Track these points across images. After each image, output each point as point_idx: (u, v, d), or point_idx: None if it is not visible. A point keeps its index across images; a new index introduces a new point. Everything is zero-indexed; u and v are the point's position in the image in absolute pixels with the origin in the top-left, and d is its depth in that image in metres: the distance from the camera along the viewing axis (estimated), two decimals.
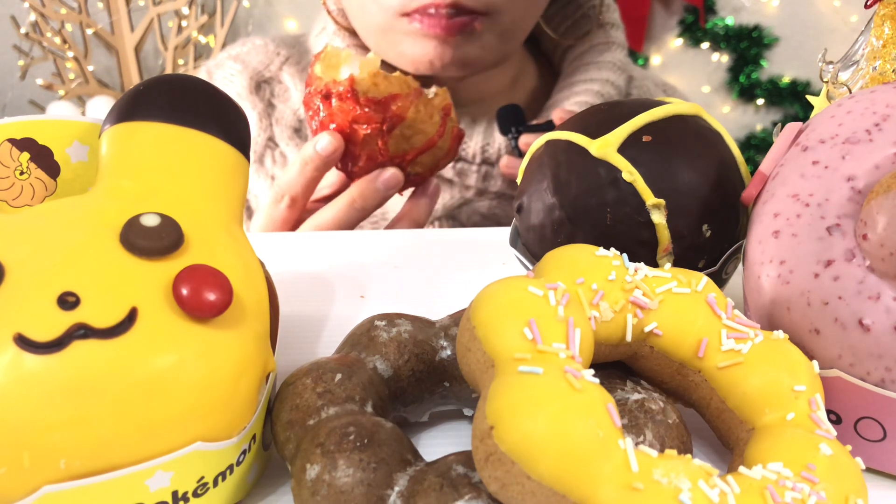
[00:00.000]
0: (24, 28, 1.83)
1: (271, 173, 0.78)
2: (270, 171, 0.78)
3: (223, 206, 0.31)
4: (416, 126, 0.59)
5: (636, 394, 0.29)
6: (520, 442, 0.22)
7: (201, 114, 0.31)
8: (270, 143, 0.78)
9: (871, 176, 0.30)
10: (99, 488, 0.24)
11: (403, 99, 0.58)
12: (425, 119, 0.59)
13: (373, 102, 0.57)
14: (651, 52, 2.01)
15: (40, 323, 0.24)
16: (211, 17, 1.88)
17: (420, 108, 0.59)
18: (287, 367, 0.32)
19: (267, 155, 0.78)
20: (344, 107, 0.58)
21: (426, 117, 0.59)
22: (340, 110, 0.58)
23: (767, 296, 0.31)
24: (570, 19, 0.82)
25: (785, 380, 0.28)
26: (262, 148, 0.78)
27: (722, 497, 0.23)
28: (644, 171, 0.34)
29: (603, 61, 0.79)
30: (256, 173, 0.78)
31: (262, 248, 0.37)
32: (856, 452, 0.30)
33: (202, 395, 0.26)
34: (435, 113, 0.59)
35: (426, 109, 0.59)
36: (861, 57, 0.38)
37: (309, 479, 0.26)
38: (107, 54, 1.91)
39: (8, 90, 1.90)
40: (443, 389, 0.32)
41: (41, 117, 0.32)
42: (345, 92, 0.57)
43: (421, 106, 0.59)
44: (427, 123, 0.59)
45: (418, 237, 0.55)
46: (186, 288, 0.26)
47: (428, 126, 0.59)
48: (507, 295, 0.26)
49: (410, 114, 0.58)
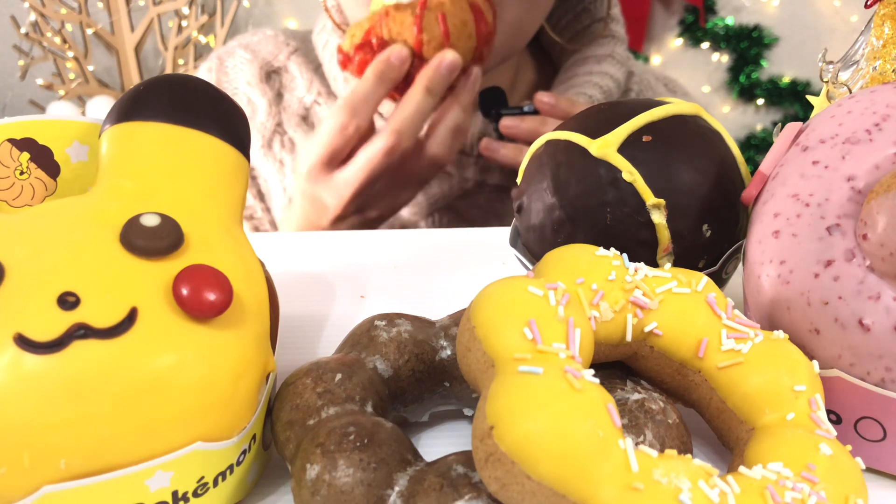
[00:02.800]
0: (24, 28, 1.83)
1: (279, 157, 0.79)
2: (279, 156, 0.79)
3: (223, 206, 0.31)
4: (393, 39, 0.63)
5: (636, 394, 0.29)
6: (520, 442, 0.22)
7: (201, 114, 0.31)
8: (279, 128, 0.79)
9: (871, 176, 0.30)
10: (99, 488, 0.24)
11: (374, 29, 0.63)
12: (400, 30, 0.62)
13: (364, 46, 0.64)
14: (651, 51, 2.01)
15: (40, 323, 0.24)
16: (211, 17, 1.88)
17: (390, 25, 0.62)
18: (287, 367, 0.32)
19: (275, 140, 0.79)
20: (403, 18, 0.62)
21: (400, 27, 0.62)
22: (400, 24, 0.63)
23: (767, 296, 0.31)
24: (572, 13, 0.82)
25: (785, 380, 0.28)
26: (271, 133, 0.79)
27: (722, 497, 0.23)
28: (644, 171, 0.34)
29: (603, 55, 0.79)
30: (265, 157, 0.79)
31: (262, 248, 0.37)
32: (856, 452, 0.30)
33: (202, 395, 0.26)
34: (406, 18, 0.62)
35: (396, 21, 0.62)
36: (861, 57, 0.38)
37: (309, 479, 0.26)
38: (107, 54, 1.91)
39: (8, 90, 1.90)
40: (443, 389, 0.32)
41: (41, 117, 0.32)
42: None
43: (390, 22, 0.62)
44: (403, 28, 0.62)
45: (418, 237, 0.55)
46: (186, 288, 0.26)
47: (405, 31, 0.62)
48: (507, 295, 0.26)
49: (385, 35, 0.63)
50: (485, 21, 0.64)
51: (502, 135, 0.70)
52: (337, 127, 0.62)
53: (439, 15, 0.62)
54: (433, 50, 0.63)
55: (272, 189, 0.79)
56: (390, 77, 0.62)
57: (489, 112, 0.72)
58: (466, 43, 0.64)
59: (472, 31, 0.64)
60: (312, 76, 0.80)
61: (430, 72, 0.62)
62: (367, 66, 0.63)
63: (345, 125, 0.62)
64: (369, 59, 0.63)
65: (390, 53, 0.62)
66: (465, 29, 0.63)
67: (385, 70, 0.62)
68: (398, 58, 0.62)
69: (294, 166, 0.77)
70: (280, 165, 0.79)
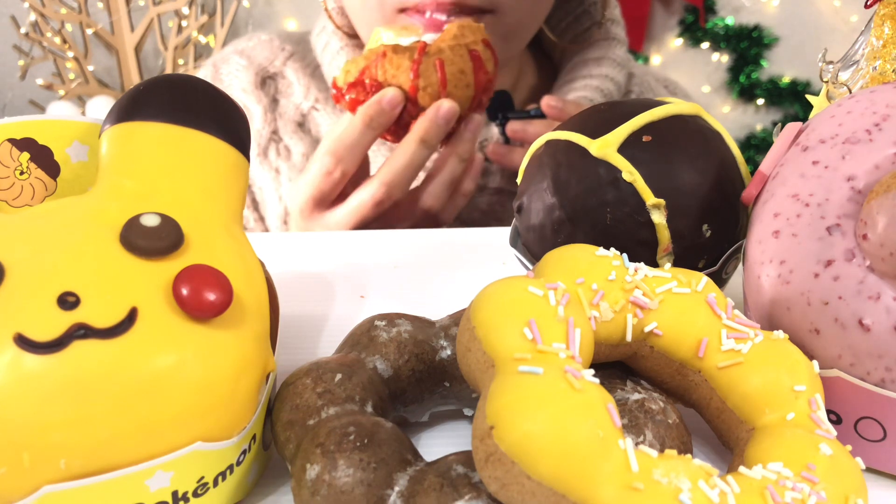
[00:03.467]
0: (24, 28, 1.83)
1: (275, 166, 0.78)
2: (274, 164, 0.78)
3: (223, 206, 0.31)
4: (388, 82, 0.61)
5: (636, 394, 0.29)
6: (520, 442, 0.22)
7: (201, 114, 0.31)
8: (275, 136, 0.79)
9: (871, 176, 0.30)
10: (99, 488, 0.24)
11: (370, 69, 0.61)
12: (396, 73, 0.61)
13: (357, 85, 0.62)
14: (651, 52, 2.01)
15: (40, 323, 0.24)
16: (211, 17, 1.88)
17: (386, 67, 0.61)
18: (287, 367, 0.32)
19: (271, 148, 0.78)
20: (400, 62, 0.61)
21: (396, 70, 0.61)
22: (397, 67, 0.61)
23: (767, 296, 0.31)
24: (572, 15, 0.82)
25: (785, 380, 0.28)
26: (267, 141, 0.79)
27: (722, 497, 0.23)
28: (644, 171, 0.34)
29: (603, 57, 0.79)
30: (261, 166, 0.78)
31: (262, 248, 0.37)
32: (856, 452, 0.30)
33: (202, 395, 0.26)
34: (403, 61, 0.60)
35: (392, 64, 0.61)
36: (861, 57, 0.38)
37: (309, 479, 0.26)
38: (107, 54, 1.91)
39: (8, 90, 1.90)
40: (443, 389, 0.32)
41: (41, 117, 0.32)
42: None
43: (386, 64, 0.61)
44: (399, 72, 0.61)
45: (418, 237, 0.55)
46: (186, 288, 0.26)
47: (400, 75, 0.61)
48: (507, 295, 0.26)
49: (380, 76, 0.61)
50: (484, 70, 0.63)
51: (509, 139, 0.70)
52: (323, 172, 0.61)
53: (437, 62, 0.60)
54: (429, 97, 0.61)
55: (267, 198, 0.78)
56: (380, 122, 0.60)
57: (496, 116, 0.72)
58: (464, 92, 0.62)
59: (471, 80, 0.62)
60: (310, 81, 0.80)
61: (426, 122, 0.60)
62: (359, 105, 0.61)
63: (330, 171, 0.60)
64: (362, 99, 0.62)
65: (382, 97, 0.60)
66: (463, 77, 0.61)
67: (374, 116, 0.60)
68: (390, 103, 0.60)
69: (289, 181, 0.77)
70: (276, 174, 0.78)
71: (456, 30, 0.62)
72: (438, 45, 0.61)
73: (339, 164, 0.60)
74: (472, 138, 0.64)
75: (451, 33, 0.62)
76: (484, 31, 0.64)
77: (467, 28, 0.63)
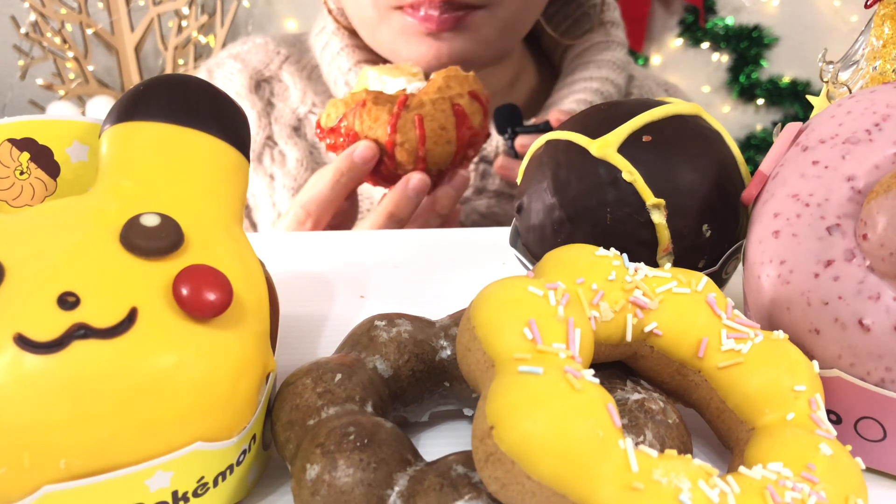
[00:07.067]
0: (24, 28, 1.83)
1: (270, 172, 0.78)
2: (269, 170, 0.78)
3: (223, 206, 0.31)
4: (365, 134, 0.60)
5: (636, 394, 0.29)
6: (520, 442, 0.22)
7: (201, 114, 0.31)
8: (269, 141, 0.78)
9: (871, 176, 0.30)
10: (99, 488, 0.24)
11: (348, 117, 0.59)
12: (373, 126, 0.59)
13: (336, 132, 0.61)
14: (651, 52, 2.01)
15: (40, 323, 0.24)
16: (211, 17, 1.88)
17: (364, 118, 0.59)
18: (287, 367, 0.32)
19: (265, 153, 0.78)
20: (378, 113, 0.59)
21: (373, 122, 0.59)
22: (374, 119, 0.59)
23: (767, 296, 0.31)
24: (571, 18, 0.82)
25: (785, 380, 0.28)
26: (261, 147, 0.78)
27: (722, 497, 0.23)
28: (644, 171, 0.34)
29: (603, 60, 0.79)
30: (255, 172, 0.78)
31: (262, 248, 0.37)
32: (856, 452, 0.30)
33: (202, 395, 0.26)
34: (381, 114, 0.59)
35: (370, 115, 0.59)
36: (861, 57, 0.38)
37: (309, 479, 0.26)
38: (107, 54, 1.91)
39: (8, 90, 1.90)
40: (443, 389, 0.32)
41: (41, 117, 0.32)
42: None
43: (365, 115, 0.59)
44: (377, 125, 0.59)
45: (418, 237, 0.55)
46: (186, 288, 0.26)
47: (378, 128, 0.59)
48: (507, 295, 0.26)
49: (356, 126, 0.59)
50: (468, 125, 0.61)
51: (517, 153, 0.70)
52: (294, 222, 0.61)
53: (416, 117, 0.59)
54: (406, 153, 0.59)
55: (260, 204, 0.78)
56: (351, 177, 0.59)
57: (504, 130, 0.71)
58: (444, 148, 0.60)
59: (452, 136, 0.60)
60: (306, 84, 0.79)
61: (396, 195, 0.59)
62: (335, 150, 0.61)
63: (301, 222, 0.61)
64: (339, 146, 0.61)
65: (353, 152, 0.59)
66: (443, 134, 0.60)
67: (345, 171, 0.59)
68: (361, 158, 0.59)
69: (283, 187, 0.76)
70: (270, 180, 0.77)
71: (441, 81, 0.61)
72: (420, 99, 0.60)
73: (309, 217, 0.61)
74: (455, 196, 0.63)
75: (435, 85, 0.61)
76: (473, 81, 0.62)
77: (454, 79, 0.61)
